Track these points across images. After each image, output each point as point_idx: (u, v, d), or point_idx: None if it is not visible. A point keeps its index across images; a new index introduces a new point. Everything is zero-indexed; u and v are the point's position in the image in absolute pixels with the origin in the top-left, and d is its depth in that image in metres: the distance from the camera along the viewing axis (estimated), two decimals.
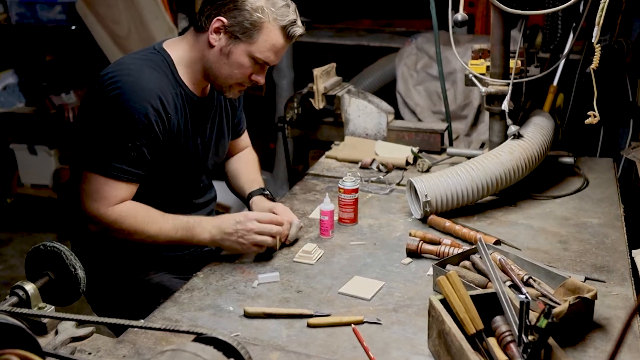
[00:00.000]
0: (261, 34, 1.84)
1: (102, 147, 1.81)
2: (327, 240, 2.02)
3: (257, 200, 2.11)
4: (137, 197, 1.89)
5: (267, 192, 2.15)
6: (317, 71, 2.76)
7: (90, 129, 1.83)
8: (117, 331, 1.80)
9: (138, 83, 1.80)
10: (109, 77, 1.81)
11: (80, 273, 1.55)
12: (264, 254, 1.91)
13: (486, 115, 3.30)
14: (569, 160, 2.50)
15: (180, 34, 4.05)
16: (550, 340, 1.30)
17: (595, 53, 1.96)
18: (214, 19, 1.84)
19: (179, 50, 1.92)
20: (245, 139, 2.34)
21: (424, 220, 2.13)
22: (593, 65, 1.97)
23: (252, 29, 1.83)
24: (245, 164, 2.29)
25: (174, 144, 1.91)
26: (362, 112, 2.79)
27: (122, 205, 1.85)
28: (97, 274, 1.98)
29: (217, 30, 1.85)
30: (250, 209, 2.11)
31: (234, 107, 2.17)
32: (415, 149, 2.61)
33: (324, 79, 2.79)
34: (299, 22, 1.89)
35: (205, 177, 2.14)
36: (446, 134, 2.76)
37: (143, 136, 1.81)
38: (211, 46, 1.87)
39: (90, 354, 1.48)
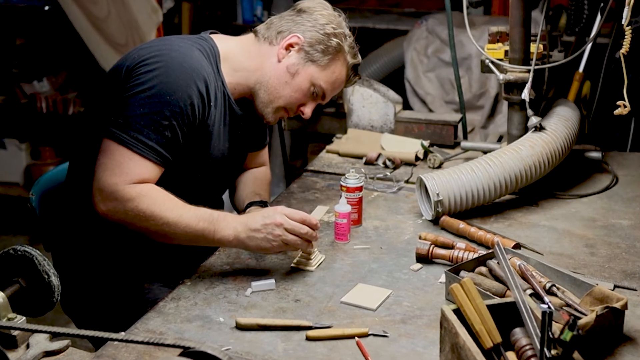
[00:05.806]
0: (333, 62, 1.96)
1: (135, 120, 1.79)
2: (328, 244, 2.01)
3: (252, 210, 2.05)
4: None
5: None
6: None
7: (122, 101, 1.81)
8: (95, 344, 1.80)
9: (187, 61, 1.83)
10: (153, 52, 1.84)
11: (54, 280, 1.54)
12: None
13: (504, 106, 3.30)
14: (596, 155, 2.50)
15: (165, 15, 4.07)
16: (576, 355, 1.30)
17: (626, 36, 1.96)
18: (291, 35, 1.93)
19: (229, 49, 1.98)
20: (264, 155, 2.33)
21: (435, 221, 2.13)
22: (623, 50, 1.97)
23: (328, 53, 1.95)
24: (258, 180, 2.26)
25: (204, 139, 1.92)
26: (367, 101, 2.79)
27: (142, 185, 1.81)
28: (74, 281, 1.98)
29: (289, 47, 1.93)
30: None
31: (261, 120, 2.10)
32: (426, 143, 2.61)
33: None
34: (357, 70, 2.05)
35: (218, 190, 2.15)
36: (460, 126, 2.76)
37: (182, 117, 1.82)
38: (278, 61, 1.94)
39: None
